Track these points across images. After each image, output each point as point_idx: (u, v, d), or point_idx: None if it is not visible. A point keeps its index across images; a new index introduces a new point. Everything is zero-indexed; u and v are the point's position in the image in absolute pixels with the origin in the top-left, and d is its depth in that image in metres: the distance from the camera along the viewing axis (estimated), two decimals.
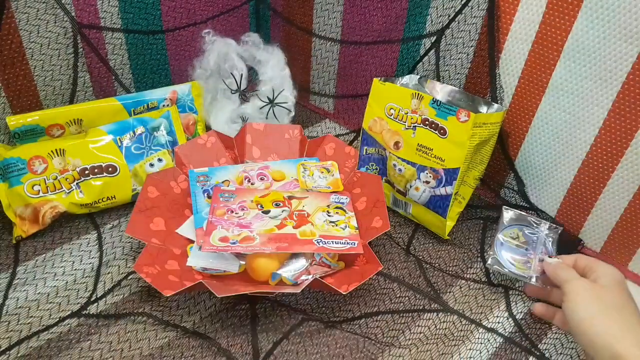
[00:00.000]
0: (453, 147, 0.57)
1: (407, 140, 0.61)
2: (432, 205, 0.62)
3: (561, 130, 0.60)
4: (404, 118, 0.60)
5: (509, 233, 0.59)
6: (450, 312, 0.55)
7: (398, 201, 0.66)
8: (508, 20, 0.60)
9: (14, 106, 0.66)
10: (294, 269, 0.55)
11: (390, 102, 0.61)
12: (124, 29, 0.71)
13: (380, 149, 0.65)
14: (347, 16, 0.77)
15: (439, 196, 0.60)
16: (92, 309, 0.53)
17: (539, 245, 0.57)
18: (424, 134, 0.59)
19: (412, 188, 0.62)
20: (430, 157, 0.59)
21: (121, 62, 0.73)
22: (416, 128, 0.60)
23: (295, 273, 0.55)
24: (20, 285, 0.56)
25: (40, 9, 0.63)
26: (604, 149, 0.58)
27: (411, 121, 0.60)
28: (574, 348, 0.52)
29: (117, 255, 0.60)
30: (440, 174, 0.59)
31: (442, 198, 0.60)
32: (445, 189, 0.59)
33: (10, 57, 0.63)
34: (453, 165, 0.58)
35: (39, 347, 0.49)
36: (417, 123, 0.59)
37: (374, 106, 0.63)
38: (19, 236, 0.60)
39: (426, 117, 0.59)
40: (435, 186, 0.60)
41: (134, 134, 0.65)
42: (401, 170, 0.62)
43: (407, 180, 0.62)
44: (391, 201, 0.67)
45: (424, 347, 0.52)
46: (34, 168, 0.61)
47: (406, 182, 0.62)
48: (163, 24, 0.75)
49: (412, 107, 0.59)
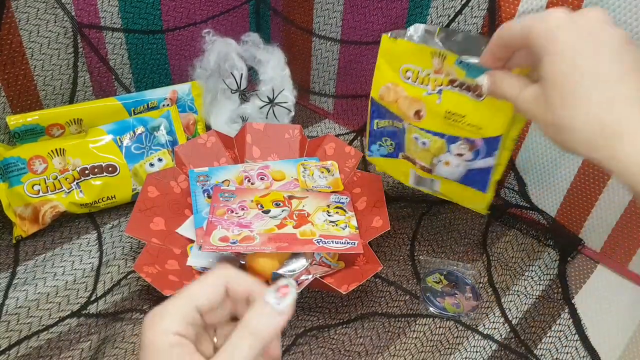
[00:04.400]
0: (492, 111, 0.46)
1: (432, 107, 0.49)
2: (468, 180, 0.52)
3: None
4: (425, 81, 0.49)
5: (431, 279, 0.59)
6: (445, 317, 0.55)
7: (422, 179, 0.55)
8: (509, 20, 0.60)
9: (14, 106, 0.66)
10: (294, 268, 0.55)
11: (407, 63, 0.49)
12: (124, 29, 0.71)
13: (396, 121, 0.54)
14: (347, 16, 0.77)
15: (477, 170, 0.50)
16: (92, 309, 0.53)
17: (463, 285, 0.58)
18: (454, 98, 0.48)
19: (440, 163, 0.51)
20: (463, 125, 0.48)
21: (121, 62, 0.73)
22: (442, 92, 0.48)
23: (295, 273, 0.55)
24: (20, 285, 0.56)
25: (40, 9, 0.63)
26: None
27: (435, 84, 0.48)
28: (569, 353, 0.52)
29: (117, 255, 0.60)
30: (478, 145, 0.48)
31: (482, 172, 0.50)
32: (484, 161, 0.49)
33: (10, 57, 0.63)
34: (494, 133, 0.47)
35: (38, 346, 0.49)
36: (444, 85, 0.48)
37: (386, 70, 0.51)
38: (19, 236, 0.60)
39: (454, 77, 0.47)
40: (472, 159, 0.49)
41: (134, 133, 0.65)
42: (425, 144, 0.51)
43: (434, 154, 0.51)
44: (412, 180, 0.56)
45: (420, 356, 0.52)
46: (34, 168, 0.61)
47: (432, 157, 0.51)
48: (163, 24, 0.75)
49: (435, 68, 0.48)
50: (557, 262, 0.62)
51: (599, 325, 0.55)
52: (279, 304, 0.30)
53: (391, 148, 0.56)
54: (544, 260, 0.63)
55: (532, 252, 0.64)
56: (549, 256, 0.63)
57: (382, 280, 0.59)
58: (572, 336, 0.54)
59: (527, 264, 0.62)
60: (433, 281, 0.58)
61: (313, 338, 0.52)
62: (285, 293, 0.30)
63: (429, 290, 0.57)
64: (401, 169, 0.53)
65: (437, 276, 0.59)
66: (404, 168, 0.55)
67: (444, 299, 0.56)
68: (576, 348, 0.53)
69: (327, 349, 0.51)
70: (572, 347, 0.53)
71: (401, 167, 0.53)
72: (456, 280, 0.59)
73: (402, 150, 0.54)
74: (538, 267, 0.62)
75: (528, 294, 0.58)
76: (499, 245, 0.65)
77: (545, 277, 0.60)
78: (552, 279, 0.60)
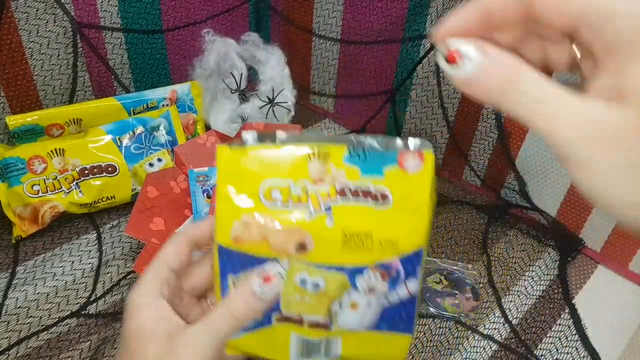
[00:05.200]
0: (407, 217, 0.34)
1: (321, 234, 0.34)
2: (386, 322, 0.36)
3: None
4: (302, 199, 0.34)
5: (431, 279, 0.58)
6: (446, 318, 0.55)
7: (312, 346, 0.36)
8: None
9: (14, 106, 0.65)
10: None
11: (267, 178, 0.33)
12: (124, 29, 0.71)
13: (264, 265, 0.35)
14: (347, 16, 0.77)
15: (398, 305, 0.35)
16: (92, 309, 0.53)
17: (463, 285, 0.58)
18: (350, 213, 0.33)
19: (343, 309, 0.35)
20: (371, 246, 0.34)
21: (121, 62, 0.73)
22: (331, 209, 0.34)
23: None
24: (19, 285, 0.55)
25: (40, 9, 0.63)
26: None
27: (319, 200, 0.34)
28: (570, 353, 0.52)
29: (117, 255, 0.60)
30: (395, 268, 0.35)
31: (404, 305, 0.35)
32: (405, 288, 0.35)
33: (10, 57, 0.63)
34: (412, 246, 0.34)
35: (38, 347, 0.49)
36: (332, 198, 0.33)
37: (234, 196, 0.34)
38: (18, 236, 0.60)
39: (344, 184, 0.33)
40: (388, 290, 0.35)
41: (133, 133, 0.65)
42: (319, 286, 0.35)
43: (332, 297, 0.35)
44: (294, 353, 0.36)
45: (420, 356, 0.52)
46: (33, 168, 0.60)
47: (330, 303, 0.35)
48: (163, 24, 0.75)
49: (312, 177, 0.33)
50: (557, 262, 0.62)
51: (599, 326, 0.55)
52: (263, 291, 0.31)
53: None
54: (545, 261, 0.63)
55: (533, 252, 0.64)
56: (550, 256, 0.63)
57: None
58: (573, 336, 0.54)
59: (527, 264, 0.62)
60: (433, 281, 0.58)
61: None
62: (269, 280, 0.31)
63: (429, 290, 0.57)
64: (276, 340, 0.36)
65: (437, 276, 0.59)
66: (281, 338, 0.36)
67: (444, 299, 0.56)
68: (576, 348, 0.52)
69: None
70: (572, 348, 0.53)
71: (276, 339, 0.36)
72: (456, 281, 0.59)
73: (278, 307, 0.35)
74: (538, 267, 0.62)
75: (528, 294, 0.58)
76: (499, 245, 0.65)
77: (546, 277, 0.60)
78: (552, 279, 0.60)
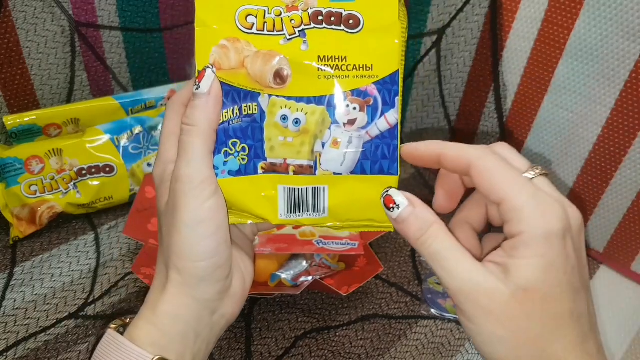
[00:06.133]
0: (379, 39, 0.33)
1: (297, 59, 0.33)
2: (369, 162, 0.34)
3: (564, 129, 0.60)
4: (277, 25, 0.33)
5: (433, 280, 0.58)
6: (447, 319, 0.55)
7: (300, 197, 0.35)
8: (510, 18, 0.59)
9: (11, 106, 0.65)
10: (293, 270, 0.54)
11: (244, 5, 0.33)
12: (122, 27, 0.70)
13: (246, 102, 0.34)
14: None
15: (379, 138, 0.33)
16: (90, 311, 0.53)
17: None
18: (324, 36, 0.33)
19: (326, 148, 0.34)
20: (346, 71, 0.33)
21: (118, 61, 0.73)
22: (306, 33, 0.33)
23: (295, 274, 0.54)
24: (17, 287, 0.55)
25: (38, 8, 0.62)
26: (607, 148, 0.57)
27: (293, 25, 0.33)
28: None
29: (115, 256, 0.60)
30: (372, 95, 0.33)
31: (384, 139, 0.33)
32: (385, 119, 0.33)
33: (7, 57, 0.62)
34: (388, 69, 0.33)
35: (36, 348, 0.49)
36: (305, 24, 0.33)
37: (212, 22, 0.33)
38: (16, 237, 0.60)
39: (316, 8, 0.33)
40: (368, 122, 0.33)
41: (131, 133, 0.65)
42: (299, 122, 0.34)
43: (315, 135, 0.34)
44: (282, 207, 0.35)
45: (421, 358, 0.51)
46: (31, 168, 0.60)
47: (313, 142, 0.34)
48: (161, 22, 0.74)
49: (286, 2, 0.33)
50: None
51: (601, 326, 0.54)
52: (199, 88, 0.32)
53: (244, 157, 0.34)
54: None
55: None
56: None
57: (383, 281, 0.58)
58: None
59: None
60: (435, 282, 0.58)
61: (313, 340, 0.52)
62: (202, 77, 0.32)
63: (431, 291, 0.57)
64: (262, 192, 0.34)
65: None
66: (268, 189, 0.34)
67: (446, 301, 0.56)
68: None
69: (327, 351, 0.51)
70: None
71: (262, 189, 0.34)
72: None
73: (262, 156, 0.34)
74: None
75: None
76: None
77: None
78: None
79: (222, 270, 0.33)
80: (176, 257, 0.32)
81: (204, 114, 0.32)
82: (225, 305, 0.34)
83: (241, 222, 0.35)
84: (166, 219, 0.33)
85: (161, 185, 0.34)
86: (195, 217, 0.32)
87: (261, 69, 0.33)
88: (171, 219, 0.32)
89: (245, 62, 0.33)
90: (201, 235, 0.32)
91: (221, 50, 0.33)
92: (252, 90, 0.34)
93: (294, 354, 0.50)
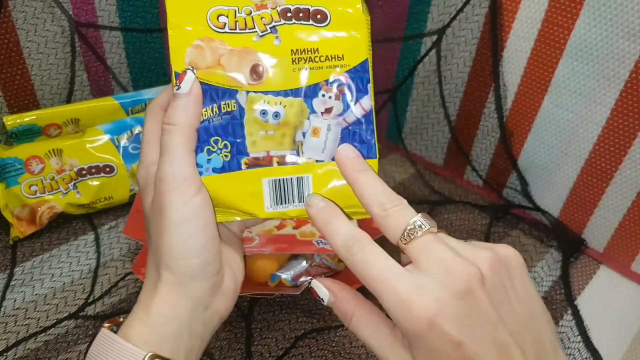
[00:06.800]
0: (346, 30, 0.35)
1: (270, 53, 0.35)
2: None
3: (564, 129, 0.60)
4: (248, 23, 0.35)
5: None
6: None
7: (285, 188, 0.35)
8: (510, 18, 0.59)
9: (11, 106, 0.65)
10: (293, 270, 0.54)
11: (216, 6, 0.35)
12: (122, 28, 0.70)
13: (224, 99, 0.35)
14: None
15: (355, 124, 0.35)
16: (90, 311, 0.53)
17: None
18: (294, 31, 0.35)
19: (306, 137, 0.35)
20: (319, 62, 0.35)
21: (118, 61, 0.73)
22: (277, 29, 0.35)
23: (295, 274, 0.54)
24: (17, 287, 0.55)
25: (38, 8, 0.62)
26: (607, 148, 0.57)
27: (264, 22, 0.35)
28: (572, 354, 0.52)
29: (115, 257, 0.60)
30: (346, 83, 0.35)
31: (361, 124, 0.35)
32: (360, 105, 0.35)
33: (8, 57, 0.62)
34: (358, 58, 0.35)
35: (36, 348, 0.49)
36: (276, 21, 0.35)
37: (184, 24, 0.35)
38: (16, 237, 0.60)
39: (284, 6, 0.35)
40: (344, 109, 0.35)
41: (131, 133, 0.65)
42: (279, 115, 0.35)
43: (295, 126, 0.35)
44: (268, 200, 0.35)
45: None
46: (31, 168, 0.60)
47: (294, 133, 0.35)
48: (161, 22, 0.74)
49: (255, 1, 0.35)
50: (559, 262, 0.62)
51: (601, 327, 0.54)
52: (179, 89, 0.33)
53: (226, 154, 0.35)
54: (547, 261, 0.62)
55: (535, 252, 0.63)
56: (552, 257, 0.63)
57: None
58: (575, 337, 0.53)
59: (529, 264, 0.62)
60: None
61: (313, 340, 0.52)
62: (182, 79, 0.33)
63: None
64: (246, 187, 0.35)
65: None
66: (253, 184, 0.35)
67: None
68: (579, 349, 0.52)
69: (328, 351, 0.51)
70: (574, 349, 0.52)
71: (246, 185, 0.35)
72: None
73: (245, 151, 0.35)
74: (541, 268, 0.61)
75: None
76: None
77: (548, 278, 0.60)
78: (554, 280, 0.60)
79: (212, 267, 0.33)
80: (166, 256, 0.32)
81: (185, 113, 0.32)
82: (218, 301, 0.35)
83: (229, 220, 0.36)
84: (153, 220, 0.33)
85: (146, 188, 0.34)
86: (181, 215, 0.32)
87: (238, 66, 0.35)
88: (158, 219, 0.32)
89: (221, 61, 0.35)
90: (189, 232, 0.32)
91: (196, 50, 0.34)
92: (229, 87, 0.35)
93: (294, 354, 0.50)
